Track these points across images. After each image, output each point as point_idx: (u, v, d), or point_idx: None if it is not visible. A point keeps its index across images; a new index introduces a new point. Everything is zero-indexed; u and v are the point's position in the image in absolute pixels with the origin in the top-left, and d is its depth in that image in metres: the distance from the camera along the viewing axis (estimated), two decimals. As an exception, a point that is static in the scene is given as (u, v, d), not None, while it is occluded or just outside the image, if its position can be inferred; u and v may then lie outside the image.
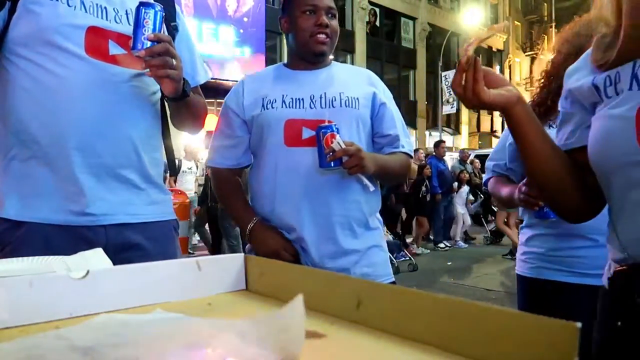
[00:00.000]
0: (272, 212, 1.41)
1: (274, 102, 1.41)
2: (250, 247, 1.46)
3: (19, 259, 0.69)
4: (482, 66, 0.88)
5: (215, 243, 5.96)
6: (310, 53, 1.42)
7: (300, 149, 1.37)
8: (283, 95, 1.42)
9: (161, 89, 1.18)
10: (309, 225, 1.37)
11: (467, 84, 0.86)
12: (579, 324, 0.36)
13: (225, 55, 14.61)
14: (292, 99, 1.41)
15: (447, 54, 22.03)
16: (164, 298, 0.63)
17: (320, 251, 1.37)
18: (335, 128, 1.28)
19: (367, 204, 1.43)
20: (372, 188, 1.37)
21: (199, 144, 6.84)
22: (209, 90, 1.62)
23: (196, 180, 7.09)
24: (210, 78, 1.44)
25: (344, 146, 1.25)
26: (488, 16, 25.20)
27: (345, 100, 1.40)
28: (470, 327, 0.43)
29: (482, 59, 0.89)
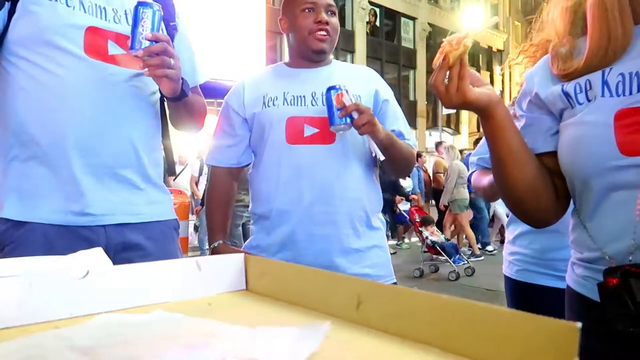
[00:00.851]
0: (272, 210, 1.41)
1: (275, 99, 1.41)
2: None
3: (19, 259, 0.69)
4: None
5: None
6: (310, 50, 1.42)
7: (302, 147, 1.37)
8: (284, 93, 1.41)
9: (160, 89, 1.18)
10: (310, 223, 1.36)
11: (452, 81, 0.83)
12: (579, 324, 0.36)
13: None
14: (293, 96, 1.41)
15: (447, 54, 21.99)
16: (164, 298, 0.63)
17: (321, 250, 1.37)
18: (345, 88, 1.29)
19: (369, 203, 1.42)
20: (382, 157, 1.32)
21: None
22: (209, 90, 1.62)
23: (192, 179, 7.09)
24: (209, 78, 1.44)
25: (354, 101, 1.27)
26: (488, 16, 25.20)
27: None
28: (470, 327, 0.43)
29: (482, 59, 0.88)
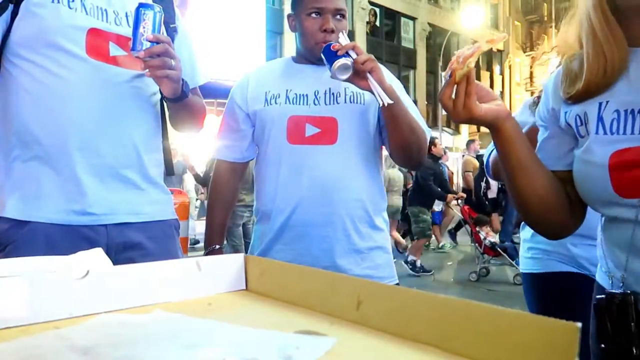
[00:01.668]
0: (274, 209, 1.41)
1: (278, 97, 1.40)
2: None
3: (20, 259, 0.69)
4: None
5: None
6: (315, 57, 1.40)
7: (304, 147, 1.36)
8: (287, 91, 1.40)
9: (160, 90, 1.18)
10: (311, 224, 1.36)
11: (459, 98, 0.82)
12: (579, 324, 0.36)
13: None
14: (296, 94, 1.39)
15: (447, 54, 22.00)
16: (164, 298, 0.63)
17: (322, 251, 1.36)
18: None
19: (372, 203, 1.40)
20: (388, 100, 1.21)
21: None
22: (209, 90, 1.61)
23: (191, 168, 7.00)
24: (209, 79, 1.44)
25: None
26: (488, 16, 25.19)
27: (350, 96, 1.38)
28: (470, 327, 0.43)
29: (481, 59, 0.87)
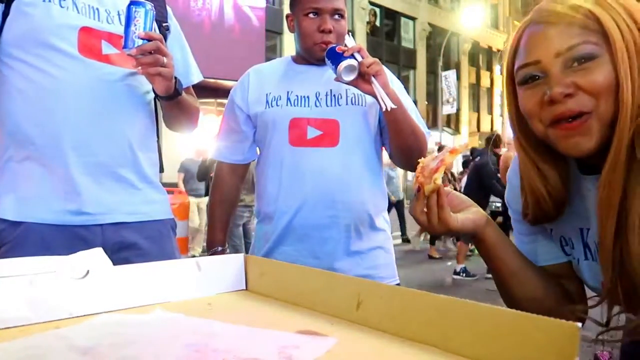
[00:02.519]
0: (276, 211, 1.40)
1: (279, 99, 1.39)
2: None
3: (19, 259, 0.69)
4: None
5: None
6: (314, 58, 1.40)
7: (305, 149, 1.36)
8: (288, 92, 1.39)
9: (153, 88, 1.18)
10: (312, 226, 1.36)
11: (431, 212, 0.78)
12: (579, 324, 0.36)
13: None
14: (297, 96, 1.38)
15: (447, 54, 22.05)
16: (164, 298, 0.63)
17: (323, 252, 1.36)
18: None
19: (374, 205, 1.40)
20: (392, 105, 1.22)
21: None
22: (209, 90, 1.61)
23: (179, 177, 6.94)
24: (203, 78, 1.44)
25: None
26: (488, 16, 25.19)
27: (352, 98, 1.38)
28: (470, 327, 0.43)
29: (482, 59, 0.85)
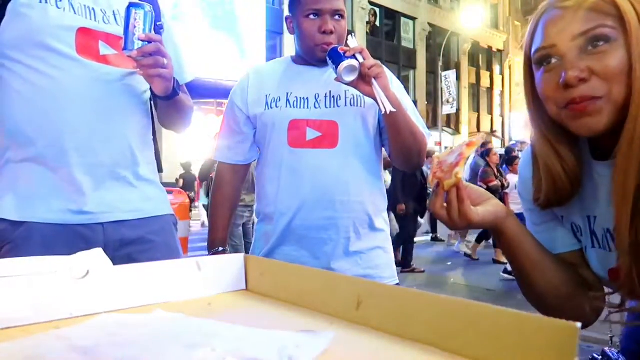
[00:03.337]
0: (276, 212, 1.41)
1: (278, 100, 1.40)
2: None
3: (19, 259, 0.69)
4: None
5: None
6: (315, 59, 1.40)
7: (305, 150, 1.36)
8: (287, 94, 1.40)
9: (151, 89, 1.19)
10: (312, 227, 1.36)
11: (452, 206, 0.76)
12: (579, 324, 0.36)
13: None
14: (296, 97, 1.39)
15: (447, 54, 22.05)
16: (164, 298, 0.63)
17: (323, 253, 1.36)
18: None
19: (373, 205, 1.40)
20: (391, 108, 1.21)
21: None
22: (209, 90, 1.62)
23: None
24: (196, 76, 1.44)
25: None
26: (488, 16, 25.18)
27: (351, 99, 1.38)
28: (470, 327, 0.43)
29: (482, 59, 0.85)
